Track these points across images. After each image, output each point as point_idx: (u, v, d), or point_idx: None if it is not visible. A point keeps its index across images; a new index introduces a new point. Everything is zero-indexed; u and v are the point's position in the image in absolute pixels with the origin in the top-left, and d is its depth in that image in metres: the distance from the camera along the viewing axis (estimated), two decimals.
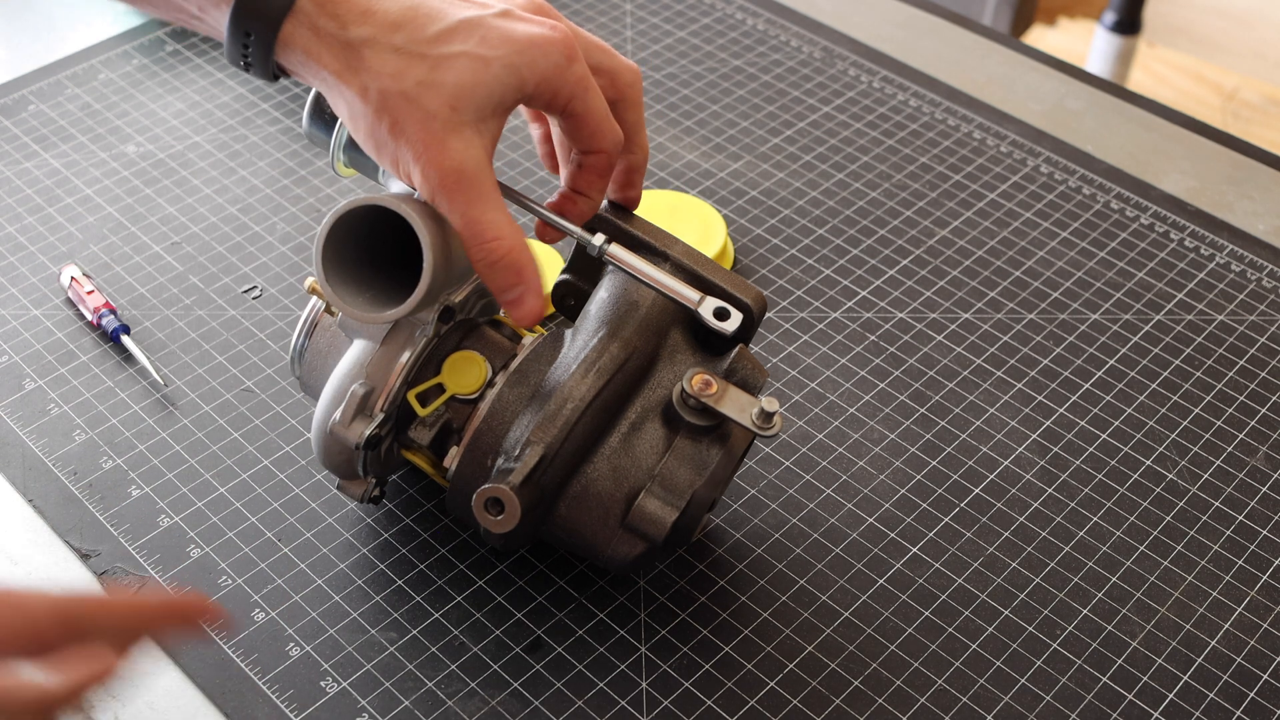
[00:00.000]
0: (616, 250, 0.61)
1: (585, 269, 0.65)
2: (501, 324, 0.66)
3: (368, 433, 0.61)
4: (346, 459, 0.62)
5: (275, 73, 0.58)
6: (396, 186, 0.62)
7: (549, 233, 0.63)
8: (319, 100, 0.64)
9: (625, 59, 0.61)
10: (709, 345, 0.63)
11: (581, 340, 0.61)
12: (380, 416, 0.61)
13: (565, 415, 0.59)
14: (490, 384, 0.62)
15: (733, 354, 0.62)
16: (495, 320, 0.66)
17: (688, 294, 0.61)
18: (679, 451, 0.60)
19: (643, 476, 0.60)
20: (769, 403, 0.59)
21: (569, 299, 0.66)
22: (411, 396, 0.62)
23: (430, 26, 0.55)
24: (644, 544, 0.60)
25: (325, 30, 0.55)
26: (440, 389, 0.62)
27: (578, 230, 0.61)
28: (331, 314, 0.64)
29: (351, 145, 0.64)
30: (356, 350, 0.63)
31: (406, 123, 0.55)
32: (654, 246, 0.63)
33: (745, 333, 0.63)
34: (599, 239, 0.61)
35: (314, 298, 0.64)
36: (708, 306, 0.61)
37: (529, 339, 0.64)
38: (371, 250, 0.60)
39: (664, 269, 0.63)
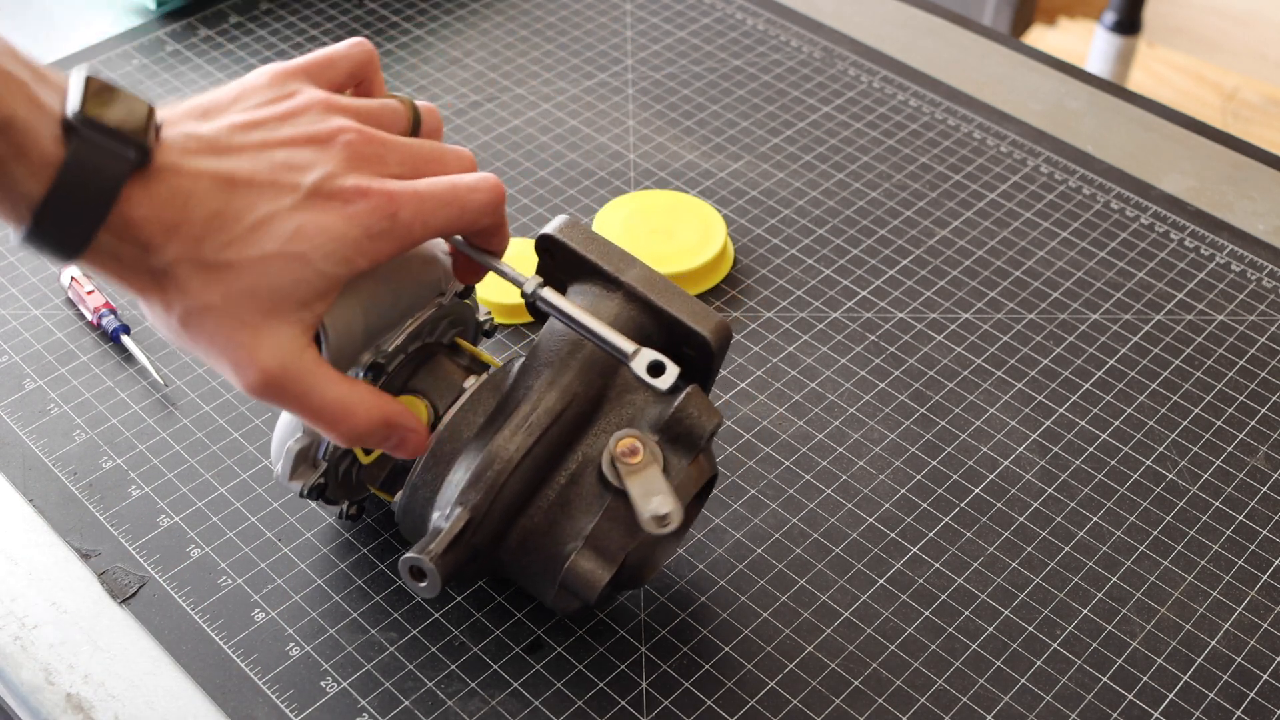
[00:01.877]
0: (549, 295, 0.58)
1: (553, 278, 0.62)
2: (460, 349, 0.64)
3: (310, 484, 0.61)
4: None
5: None
6: None
7: (470, 275, 0.61)
8: None
9: (479, 178, 0.57)
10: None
11: (522, 385, 0.59)
12: (324, 465, 0.61)
13: (489, 478, 0.57)
14: (432, 429, 0.60)
15: (679, 398, 0.58)
16: (455, 345, 0.65)
17: (621, 346, 0.56)
18: (612, 511, 0.57)
19: (577, 534, 0.58)
20: (662, 503, 0.55)
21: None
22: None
23: (236, 228, 0.50)
24: (579, 600, 0.59)
25: (127, 258, 0.50)
26: None
27: (511, 271, 0.58)
28: None
29: None
30: None
31: (213, 336, 0.51)
32: (607, 273, 0.60)
33: (702, 371, 0.61)
34: (531, 283, 0.58)
35: None
36: (641, 361, 0.56)
37: (471, 380, 0.62)
38: None
39: (615, 298, 0.60)
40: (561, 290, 0.62)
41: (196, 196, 0.50)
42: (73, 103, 0.47)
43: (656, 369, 0.56)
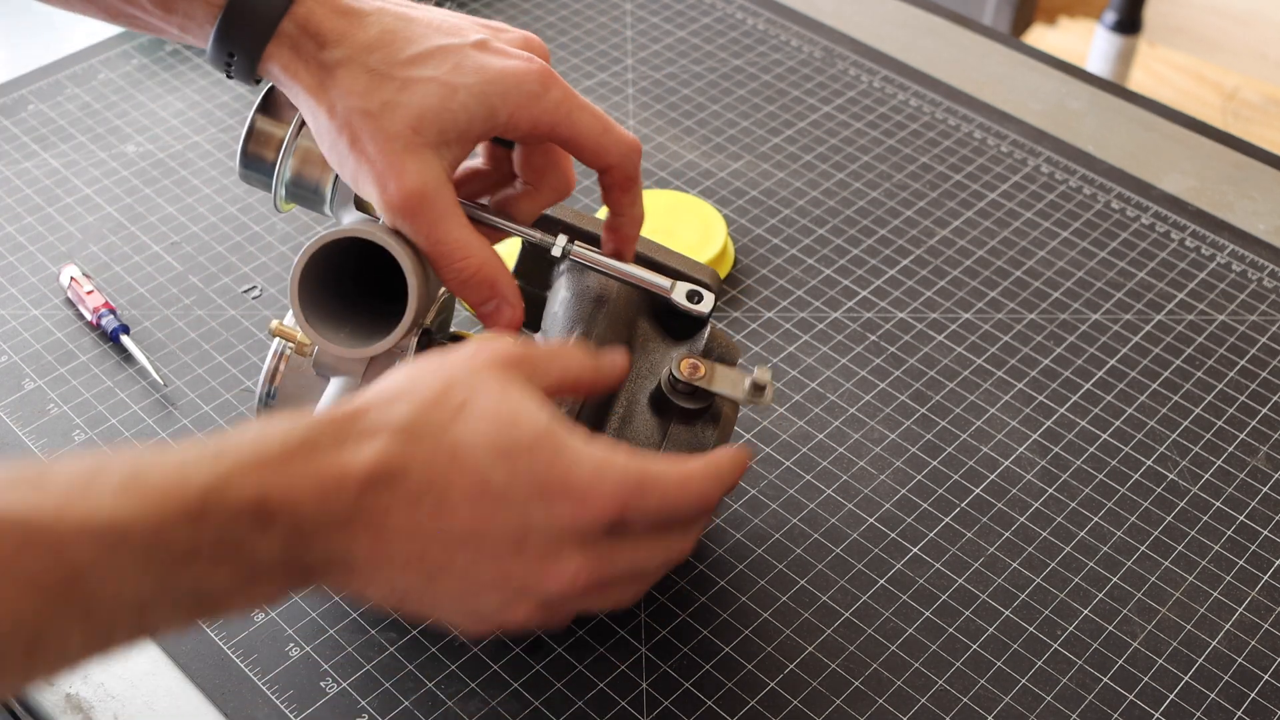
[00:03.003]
0: (581, 250, 0.61)
1: (536, 273, 0.65)
2: (461, 339, 0.64)
3: None
4: None
5: (257, 79, 0.59)
6: (348, 217, 0.61)
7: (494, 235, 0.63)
8: (249, 141, 0.61)
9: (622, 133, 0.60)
10: (673, 331, 0.64)
11: (557, 342, 0.61)
12: None
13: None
14: None
15: (705, 334, 0.63)
16: (455, 336, 0.65)
17: (659, 282, 0.62)
18: (675, 437, 0.61)
19: None
20: (761, 374, 0.59)
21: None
22: None
23: (404, 50, 0.56)
24: None
25: (304, 50, 0.56)
26: None
27: (535, 234, 0.61)
28: (302, 353, 0.61)
29: (294, 183, 0.61)
30: (335, 389, 0.61)
31: (367, 142, 0.55)
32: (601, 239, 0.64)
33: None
34: (561, 241, 0.61)
35: (276, 341, 0.63)
36: (680, 291, 0.62)
37: None
38: (339, 285, 0.60)
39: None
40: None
41: (373, 15, 0.56)
42: None
43: (695, 296, 0.62)
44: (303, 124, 0.60)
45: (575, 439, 0.49)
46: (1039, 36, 2.15)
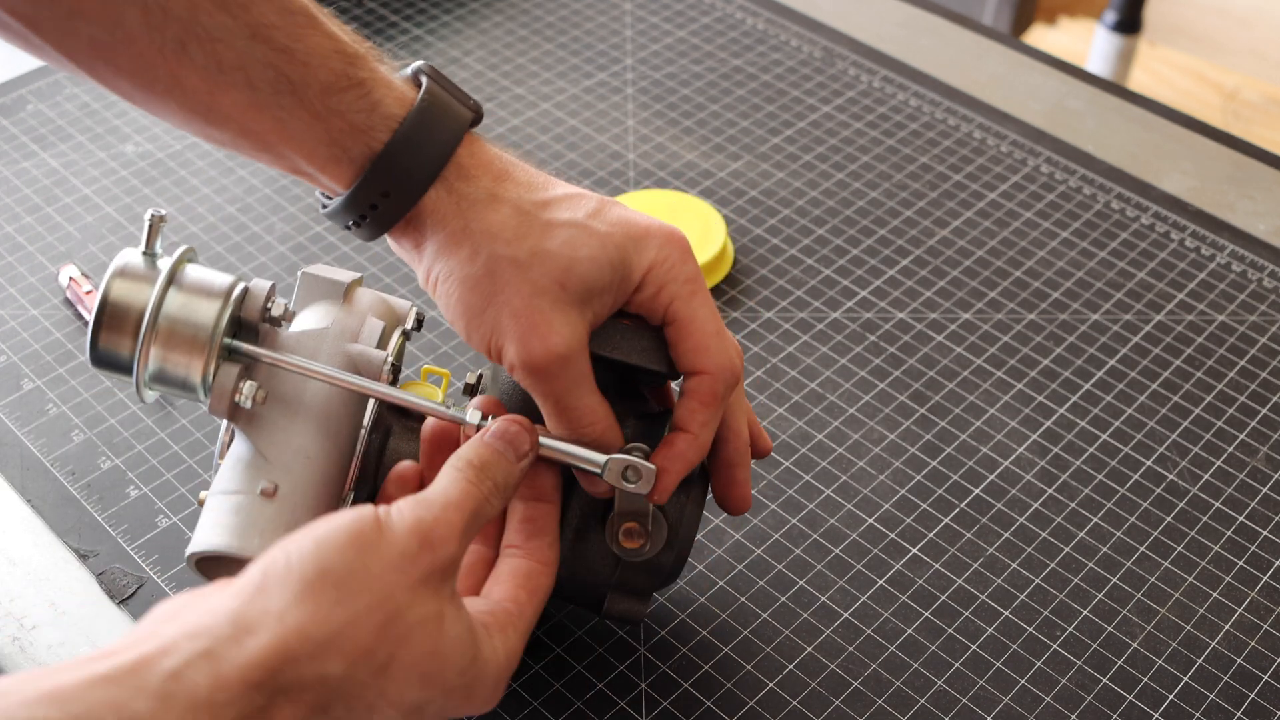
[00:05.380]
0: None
1: None
2: (409, 414, 0.60)
3: None
4: None
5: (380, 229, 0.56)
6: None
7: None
8: (105, 317, 0.55)
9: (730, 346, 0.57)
10: (631, 387, 0.59)
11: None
12: None
13: None
14: None
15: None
16: (399, 418, 0.60)
17: (593, 460, 0.55)
18: (629, 565, 0.58)
19: (602, 582, 0.59)
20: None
21: None
22: None
23: (550, 191, 0.55)
24: (631, 621, 0.61)
25: (458, 190, 0.54)
26: None
27: (449, 412, 0.55)
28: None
29: (158, 374, 0.56)
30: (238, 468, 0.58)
31: (513, 294, 0.53)
32: None
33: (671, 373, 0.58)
34: (475, 415, 0.55)
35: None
36: (614, 472, 0.55)
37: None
38: None
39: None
40: None
41: (519, 166, 0.56)
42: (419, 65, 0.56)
43: (633, 474, 0.55)
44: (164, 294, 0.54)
45: (491, 646, 0.50)
46: (1039, 36, 2.15)
